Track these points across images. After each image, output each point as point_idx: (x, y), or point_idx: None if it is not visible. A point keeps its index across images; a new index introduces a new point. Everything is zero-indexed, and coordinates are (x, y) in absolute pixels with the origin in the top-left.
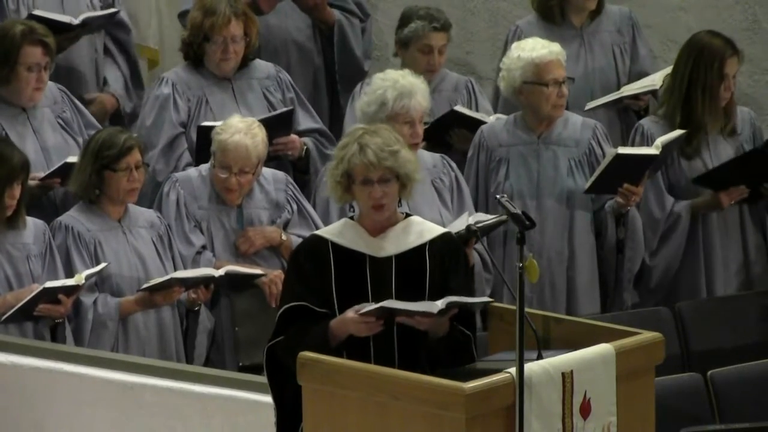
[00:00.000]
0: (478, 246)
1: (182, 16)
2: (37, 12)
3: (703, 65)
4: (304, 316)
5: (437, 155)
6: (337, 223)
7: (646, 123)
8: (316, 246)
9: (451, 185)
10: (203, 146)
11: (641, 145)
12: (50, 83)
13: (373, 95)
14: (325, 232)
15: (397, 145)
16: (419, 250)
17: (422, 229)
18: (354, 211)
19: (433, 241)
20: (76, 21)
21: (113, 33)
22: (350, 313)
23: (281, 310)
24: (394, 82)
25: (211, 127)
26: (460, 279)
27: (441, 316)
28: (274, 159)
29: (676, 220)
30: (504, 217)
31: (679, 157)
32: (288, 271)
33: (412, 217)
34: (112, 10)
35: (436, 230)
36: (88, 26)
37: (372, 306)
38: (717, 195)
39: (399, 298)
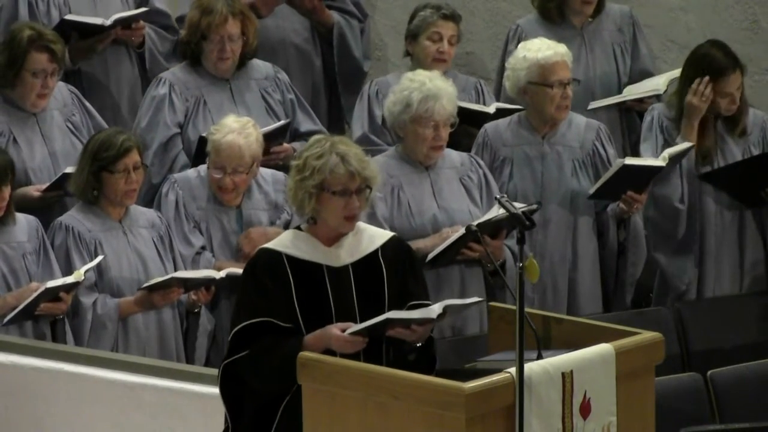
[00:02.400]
0: (510, 242)
1: (180, 21)
2: (69, 17)
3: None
4: (263, 333)
5: (465, 154)
6: (285, 235)
7: (659, 108)
8: (271, 260)
9: (480, 182)
10: (201, 153)
11: (650, 127)
12: (61, 84)
13: (399, 95)
14: (276, 245)
15: (366, 155)
16: (372, 255)
17: (371, 234)
18: (311, 222)
19: (384, 246)
20: (108, 22)
21: (155, 22)
22: (334, 331)
23: (238, 327)
24: (421, 84)
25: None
26: (418, 280)
27: (438, 321)
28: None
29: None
30: (535, 205)
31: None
32: (244, 287)
33: (359, 224)
34: (143, 9)
35: (385, 235)
36: (121, 26)
37: (366, 323)
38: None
39: (360, 305)
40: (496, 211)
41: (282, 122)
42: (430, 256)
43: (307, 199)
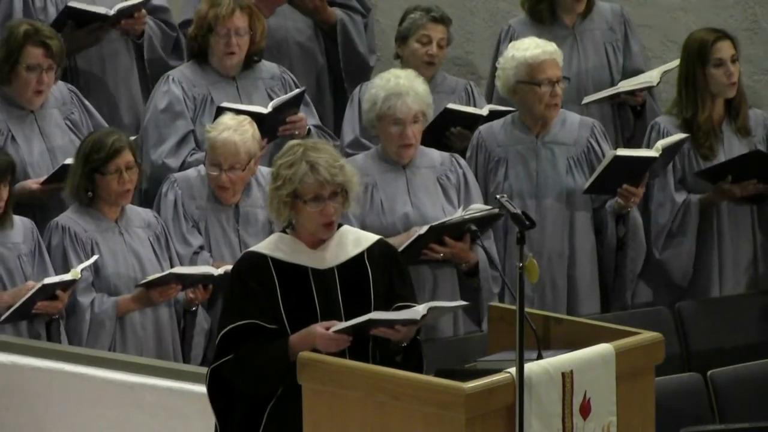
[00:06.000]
0: (485, 243)
1: (183, 26)
2: (73, 4)
3: (686, 57)
4: (250, 336)
5: (446, 153)
6: (270, 239)
7: (662, 121)
8: (256, 263)
9: (458, 183)
10: None
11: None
12: (60, 83)
13: (368, 94)
14: (261, 248)
15: (341, 159)
16: (358, 258)
17: (357, 237)
18: (290, 227)
19: (371, 249)
20: (111, 12)
21: (156, 16)
22: (319, 329)
23: (225, 331)
24: (386, 82)
25: (230, 110)
26: (405, 282)
27: (422, 322)
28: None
29: (686, 213)
30: (496, 210)
31: (696, 158)
32: (230, 290)
33: (344, 227)
34: None
35: (371, 238)
36: (123, 16)
37: (350, 322)
38: (729, 188)
39: (346, 308)
40: (460, 213)
41: (296, 91)
42: None
43: (282, 207)
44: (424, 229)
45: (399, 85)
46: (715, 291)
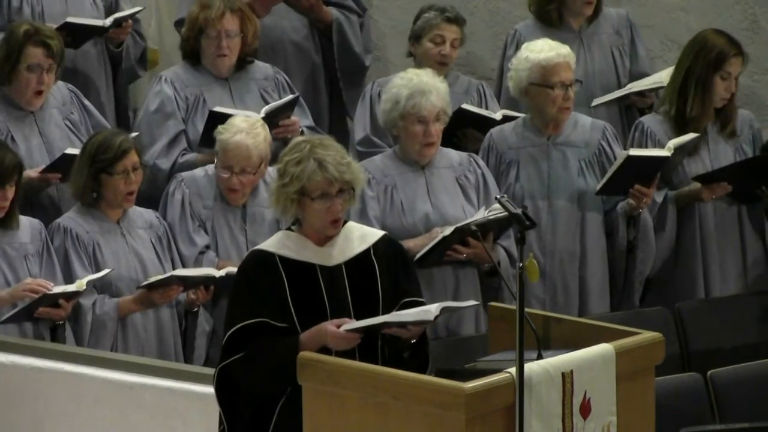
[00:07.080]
0: (505, 242)
1: (179, 24)
2: (71, 19)
3: (701, 59)
4: (258, 334)
5: (465, 154)
6: (276, 236)
7: (647, 120)
8: (264, 261)
9: (477, 183)
10: (210, 130)
11: (641, 142)
12: (60, 83)
13: (389, 93)
14: (268, 246)
15: (347, 156)
16: (364, 254)
17: (362, 233)
18: (297, 225)
19: (376, 245)
20: (108, 23)
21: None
22: (330, 327)
23: (233, 330)
24: (408, 81)
25: (223, 114)
26: (411, 277)
27: (434, 322)
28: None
29: (662, 208)
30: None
31: None
32: (237, 289)
33: (349, 223)
34: (138, 8)
35: (376, 233)
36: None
37: (363, 322)
38: (700, 189)
39: (354, 304)
40: (483, 213)
41: (290, 97)
42: (417, 255)
43: (289, 204)
44: (449, 231)
45: (422, 83)
46: (700, 293)
